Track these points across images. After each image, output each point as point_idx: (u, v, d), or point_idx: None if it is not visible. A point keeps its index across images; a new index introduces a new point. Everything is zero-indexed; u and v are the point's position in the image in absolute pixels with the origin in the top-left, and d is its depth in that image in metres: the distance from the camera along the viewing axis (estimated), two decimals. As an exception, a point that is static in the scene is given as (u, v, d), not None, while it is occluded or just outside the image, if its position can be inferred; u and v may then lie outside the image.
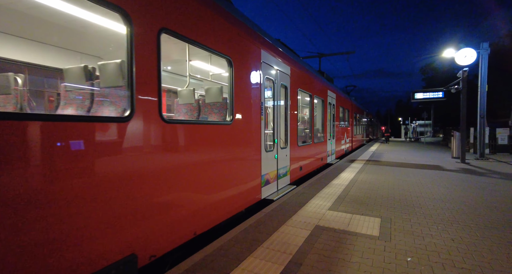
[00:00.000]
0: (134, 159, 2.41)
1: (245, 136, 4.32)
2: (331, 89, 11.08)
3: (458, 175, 8.16)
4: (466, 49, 10.98)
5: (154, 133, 2.62)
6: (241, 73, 4.18)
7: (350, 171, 8.66)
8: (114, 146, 2.25)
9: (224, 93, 4.21)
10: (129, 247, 2.35)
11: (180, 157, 2.97)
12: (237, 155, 4.06)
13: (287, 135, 6.27)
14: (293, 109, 6.63)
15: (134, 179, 2.39)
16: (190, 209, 3.09)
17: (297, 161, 6.91)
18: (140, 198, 2.44)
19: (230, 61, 3.91)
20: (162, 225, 2.70)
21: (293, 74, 6.57)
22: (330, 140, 10.85)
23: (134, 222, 2.39)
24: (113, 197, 2.22)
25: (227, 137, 3.86)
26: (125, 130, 2.34)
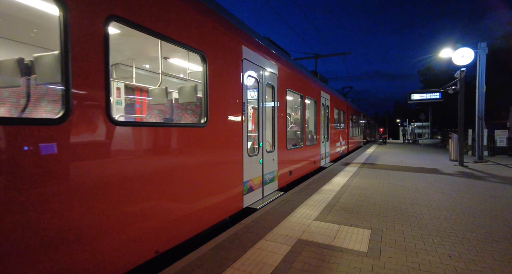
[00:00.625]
0: (71, 168, 2.02)
1: (223, 139, 3.93)
2: (325, 90, 10.73)
3: (456, 179, 7.79)
4: (463, 48, 10.67)
5: (99, 137, 2.24)
6: (217, 70, 3.81)
7: (343, 175, 8.28)
8: (43, 154, 1.86)
9: (200, 92, 3.83)
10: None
11: (136, 165, 2.57)
12: (212, 161, 3.68)
13: (275, 138, 5.90)
14: (281, 110, 6.26)
15: (67, 193, 1.99)
16: (150, 226, 2.70)
17: (286, 165, 6.53)
18: (75, 217, 2.05)
19: (204, 57, 3.54)
20: (110, 246, 2.30)
21: (281, 74, 6.20)
22: (324, 142, 10.48)
23: (71, 247, 1.99)
24: (38, 216, 1.82)
25: (200, 141, 3.48)
26: (57, 133, 1.95)
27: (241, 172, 4.43)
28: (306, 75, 8.29)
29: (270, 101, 5.91)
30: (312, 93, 8.88)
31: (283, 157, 6.38)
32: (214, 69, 3.73)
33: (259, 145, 5.15)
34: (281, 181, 6.21)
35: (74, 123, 2.05)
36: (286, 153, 6.57)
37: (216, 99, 3.77)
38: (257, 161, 5.03)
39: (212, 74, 3.70)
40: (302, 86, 7.83)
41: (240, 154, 4.41)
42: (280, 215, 4.40)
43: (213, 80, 3.71)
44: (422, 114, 25.85)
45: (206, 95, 3.57)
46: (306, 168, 8.16)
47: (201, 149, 3.48)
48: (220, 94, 3.87)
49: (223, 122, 3.94)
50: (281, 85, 6.21)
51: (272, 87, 5.83)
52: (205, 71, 3.57)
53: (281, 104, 6.23)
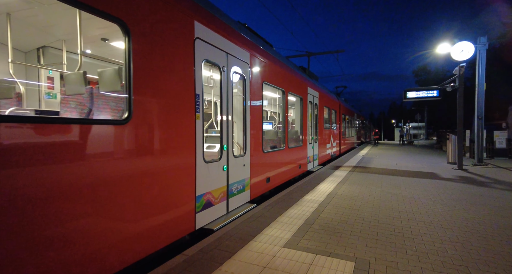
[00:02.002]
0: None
1: (159, 142, 2.96)
2: (313, 87, 9.81)
3: (456, 186, 6.92)
4: (462, 42, 9.85)
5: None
6: (149, 48, 2.83)
7: (330, 182, 7.35)
8: None
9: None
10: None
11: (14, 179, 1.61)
12: (139, 171, 2.70)
13: (247, 140, 4.94)
14: (256, 107, 5.30)
15: None
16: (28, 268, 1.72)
17: (262, 171, 5.57)
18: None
19: (126, 28, 2.56)
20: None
21: (255, 64, 5.24)
22: (311, 144, 9.55)
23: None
24: None
25: (119, 144, 2.50)
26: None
27: (191, 183, 3.46)
28: (289, 69, 7.35)
29: (239, 95, 4.95)
30: (297, 89, 7.94)
31: (258, 162, 5.42)
32: (143, 47, 2.75)
33: (223, 148, 4.18)
34: (255, 191, 5.25)
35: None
36: (262, 157, 5.61)
37: (147, 88, 2.80)
38: (219, 168, 4.06)
39: (141, 53, 2.72)
40: (284, 80, 6.88)
41: (191, 161, 3.44)
42: (240, 240, 3.43)
43: (141, 62, 2.73)
44: (417, 114, 25.15)
45: (129, 82, 2.60)
46: (289, 173, 7.21)
47: (119, 155, 2.50)
48: (155, 81, 2.89)
49: (160, 119, 2.96)
50: (255, 77, 5.25)
51: (243, 79, 4.86)
52: (127, 49, 2.59)
53: (255, 99, 5.27)
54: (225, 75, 4.26)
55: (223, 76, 4.21)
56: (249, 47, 5.06)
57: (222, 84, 4.18)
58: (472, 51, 9.79)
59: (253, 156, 5.16)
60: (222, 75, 4.18)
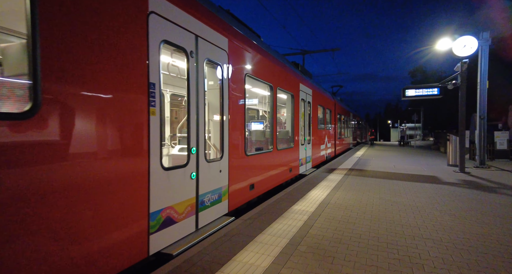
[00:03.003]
0: None
1: (86, 144, 2.20)
2: (306, 84, 9.10)
3: (462, 192, 6.25)
4: (465, 37, 9.23)
5: None
6: (70, 15, 2.07)
7: (324, 187, 6.63)
8: None
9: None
10: None
11: None
12: (51, 187, 1.94)
13: (224, 141, 4.19)
14: (235, 102, 4.56)
15: None
16: None
17: (244, 177, 4.83)
18: None
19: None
20: None
21: (235, 52, 4.50)
22: (304, 145, 8.84)
23: None
24: None
25: (15, 147, 1.75)
26: None
27: (142, 198, 2.70)
28: (278, 62, 6.62)
29: (215, 88, 4.20)
30: (288, 85, 7.22)
31: (240, 167, 4.68)
32: (57, 11, 1.99)
33: (191, 151, 3.43)
34: (234, 201, 4.50)
35: None
36: (245, 160, 4.87)
37: (65, 70, 2.04)
38: (184, 176, 3.31)
39: (53, 20, 1.96)
40: (272, 74, 6.15)
41: (141, 168, 2.68)
42: (204, 271, 2.67)
43: (57, 32, 1.97)
44: (414, 115, 24.63)
45: (34, 58, 1.84)
46: (277, 178, 6.48)
47: (16, 163, 1.74)
48: (79, 61, 2.13)
49: (87, 113, 2.20)
50: (235, 68, 4.51)
51: (219, 69, 4.12)
52: (29, 10, 1.83)
53: (235, 94, 4.53)
54: (194, 62, 3.51)
55: (191, 63, 3.46)
56: (228, 32, 4.32)
57: (189, 73, 3.43)
58: (475, 46, 9.18)
59: (232, 160, 4.42)
60: (190, 62, 3.42)
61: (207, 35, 3.75)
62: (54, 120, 1.98)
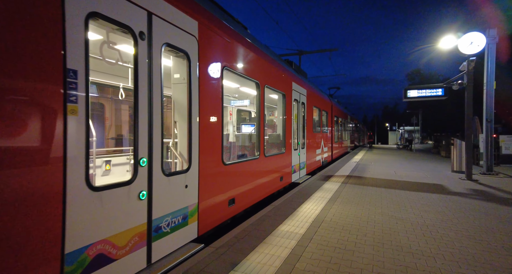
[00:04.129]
0: None
1: None
2: (300, 83, 8.33)
3: (475, 205, 5.47)
4: (472, 33, 8.53)
5: None
6: None
7: (318, 199, 5.82)
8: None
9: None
10: None
11: None
12: None
13: (193, 148, 3.38)
14: (209, 101, 3.75)
15: None
16: None
17: (221, 190, 4.01)
18: None
19: None
20: None
21: (208, 39, 3.71)
22: (297, 150, 8.04)
23: None
24: None
25: None
26: None
27: (53, 230, 1.88)
28: (267, 56, 5.84)
29: (181, 82, 3.40)
30: (278, 83, 6.44)
31: (215, 179, 3.86)
32: None
33: (139, 163, 2.61)
34: (207, 221, 3.67)
35: None
36: (222, 170, 4.05)
37: None
38: (129, 196, 2.49)
39: None
40: (259, 70, 5.36)
41: (51, 189, 1.87)
42: None
43: None
44: (414, 118, 23.96)
45: None
46: (265, 189, 5.67)
47: None
48: None
49: None
50: (208, 59, 3.70)
51: (185, 58, 3.32)
52: None
53: (209, 90, 3.73)
54: (146, 47, 2.70)
55: (141, 48, 2.65)
56: (199, 13, 3.52)
57: (138, 61, 2.62)
58: (482, 44, 8.48)
59: (205, 171, 3.60)
60: (139, 46, 2.61)
61: (166, 13, 2.94)
62: None
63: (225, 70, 4.11)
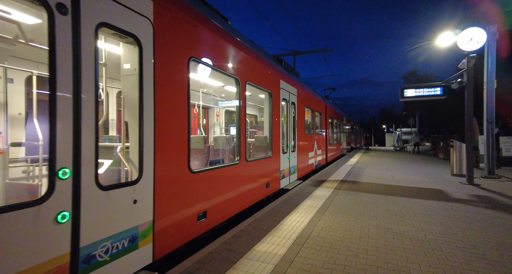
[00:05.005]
0: None
1: None
2: (289, 81, 7.77)
3: (480, 214, 4.90)
4: (472, 28, 8.04)
5: None
6: None
7: (306, 209, 5.22)
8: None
9: None
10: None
11: None
12: None
13: (145, 154, 2.77)
14: (170, 97, 3.15)
15: None
16: None
17: (186, 204, 3.40)
18: None
19: None
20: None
21: (167, 22, 3.11)
22: (287, 153, 7.45)
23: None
24: None
25: None
26: None
27: None
28: (249, 50, 5.26)
29: (132, 74, 2.80)
30: (263, 81, 5.86)
31: (179, 190, 3.25)
32: None
33: (56, 175, 2.00)
34: (167, 242, 3.05)
35: None
36: (190, 180, 3.44)
37: None
38: (37, 220, 1.88)
39: None
40: (239, 64, 4.78)
41: None
42: None
43: None
44: (411, 119, 23.52)
45: None
46: (247, 198, 5.06)
47: None
48: None
49: None
50: (165, 46, 3.11)
51: (136, 43, 2.72)
52: None
53: (170, 84, 3.13)
54: (69, 24, 2.10)
55: (62, 26, 2.05)
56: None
57: (56, 42, 2.01)
58: (483, 40, 7.98)
59: (163, 182, 2.99)
60: (57, 23, 2.01)
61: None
62: None
63: (192, 62, 3.52)
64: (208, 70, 4.04)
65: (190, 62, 3.46)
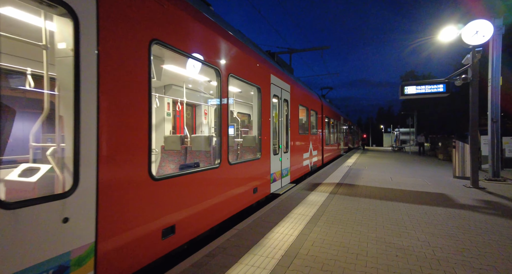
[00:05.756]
0: None
1: None
2: (282, 77, 7.18)
3: (493, 223, 4.34)
4: (478, 21, 7.49)
5: None
6: None
7: (297, 218, 4.62)
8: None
9: None
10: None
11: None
12: None
13: (82, 158, 2.17)
14: (121, 88, 2.54)
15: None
16: None
17: (146, 219, 2.79)
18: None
19: None
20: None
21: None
22: (278, 154, 6.86)
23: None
24: None
25: None
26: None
27: None
28: (233, 38, 4.66)
29: (66, 55, 2.20)
30: (250, 74, 5.26)
31: (135, 202, 2.65)
32: None
33: None
34: (116, 266, 2.44)
35: None
36: (149, 189, 2.84)
37: None
38: None
39: None
40: (220, 53, 4.18)
41: None
42: None
43: None
44: (409, 119, 23.04)
45: None
46: (229, 207, 4.45)
47: None
48: None
49: None
50: (114, 22, 2.50)
51: (71, 16, 2.11)
52: None
53: (116, 71, 2.52)
54: None
55: None
56: None
57: None
58: (489, 33, 7.44)
59: (110, 192, 2.38)
60: None
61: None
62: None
63: (155, 45, 2.91)
64: (180, 58, 3.44)
65: (152, 45, 2.85)
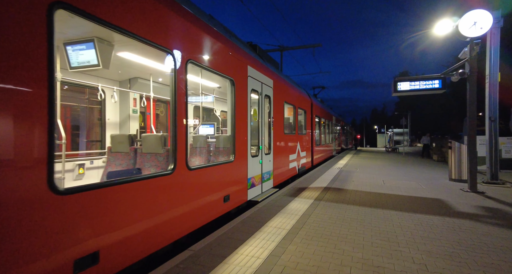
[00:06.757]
0: None
1: None
2: (262, 70, 6.46)
3: (499, 236, 3.69)
4: (476, 11, 6.89)
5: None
6: None
7: (271, 233, 3.90)
8: None
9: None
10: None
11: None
12: None
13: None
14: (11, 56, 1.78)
15: None
16: None
17: (51, 249, 2.03)
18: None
19: None
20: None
21: None
22: (258, 156, 6.14)
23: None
24: None
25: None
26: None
27: None
28: (191, 16, 3.90)
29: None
30: (218, 63, 4.52)
31: (28, 226, 1.89)
32: None
33: None
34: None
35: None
36: (54, 207, 2.08)
37: None
38: None
39: None
40: (175, 34, 3.44)
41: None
42: None
43: None
44: (403, 119, 22.58)
45: None
46: (187, 222, 3.68)
47: None
48: None
49: None
50: None
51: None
52: None
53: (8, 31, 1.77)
54: None
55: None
56: None
57: None
58: (487, 25, 6.86)
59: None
60: None
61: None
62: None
63: (60, 11, 2.15)
64: (141, 46, 2.69)
65: (54, 11, 2.09)
